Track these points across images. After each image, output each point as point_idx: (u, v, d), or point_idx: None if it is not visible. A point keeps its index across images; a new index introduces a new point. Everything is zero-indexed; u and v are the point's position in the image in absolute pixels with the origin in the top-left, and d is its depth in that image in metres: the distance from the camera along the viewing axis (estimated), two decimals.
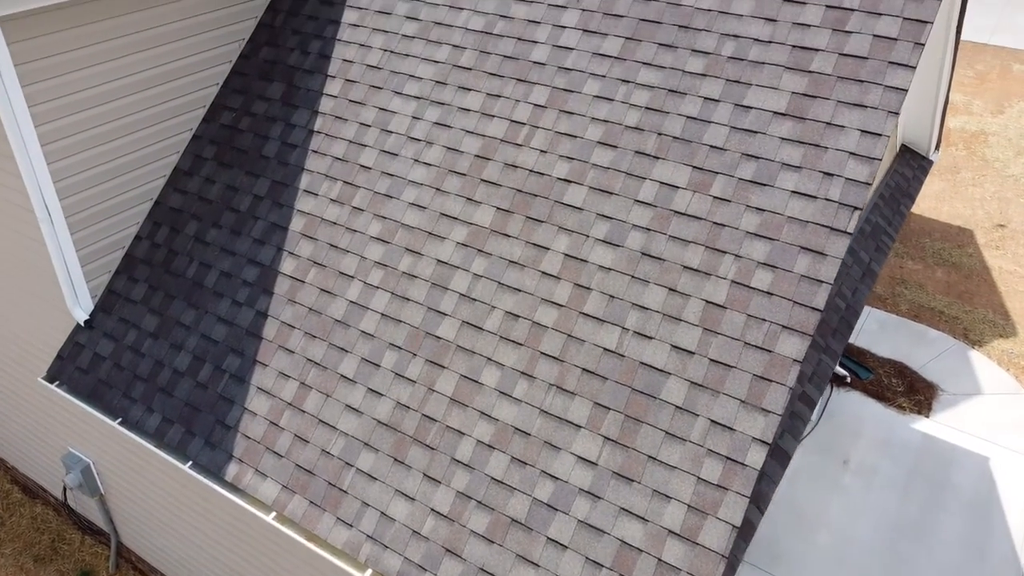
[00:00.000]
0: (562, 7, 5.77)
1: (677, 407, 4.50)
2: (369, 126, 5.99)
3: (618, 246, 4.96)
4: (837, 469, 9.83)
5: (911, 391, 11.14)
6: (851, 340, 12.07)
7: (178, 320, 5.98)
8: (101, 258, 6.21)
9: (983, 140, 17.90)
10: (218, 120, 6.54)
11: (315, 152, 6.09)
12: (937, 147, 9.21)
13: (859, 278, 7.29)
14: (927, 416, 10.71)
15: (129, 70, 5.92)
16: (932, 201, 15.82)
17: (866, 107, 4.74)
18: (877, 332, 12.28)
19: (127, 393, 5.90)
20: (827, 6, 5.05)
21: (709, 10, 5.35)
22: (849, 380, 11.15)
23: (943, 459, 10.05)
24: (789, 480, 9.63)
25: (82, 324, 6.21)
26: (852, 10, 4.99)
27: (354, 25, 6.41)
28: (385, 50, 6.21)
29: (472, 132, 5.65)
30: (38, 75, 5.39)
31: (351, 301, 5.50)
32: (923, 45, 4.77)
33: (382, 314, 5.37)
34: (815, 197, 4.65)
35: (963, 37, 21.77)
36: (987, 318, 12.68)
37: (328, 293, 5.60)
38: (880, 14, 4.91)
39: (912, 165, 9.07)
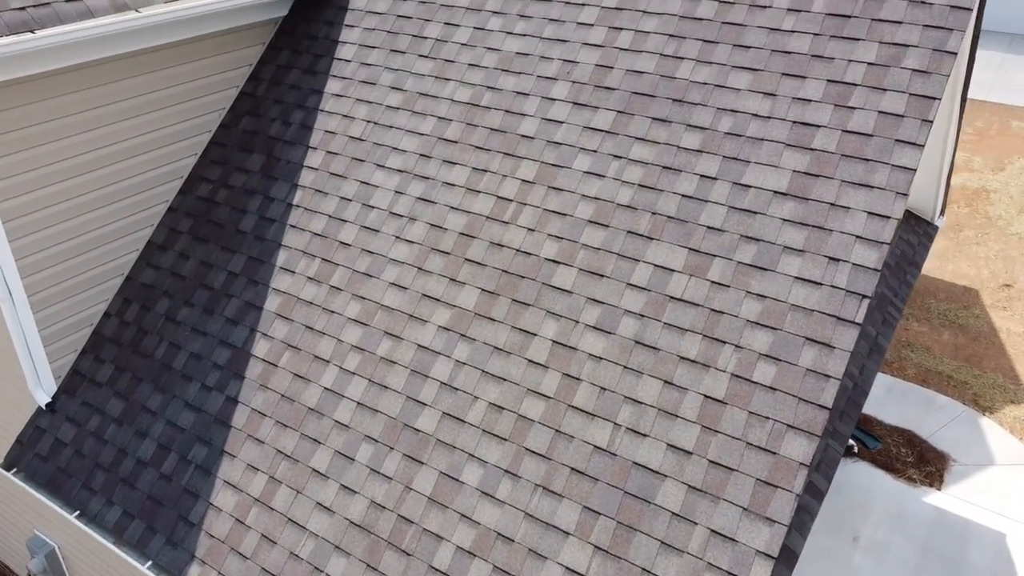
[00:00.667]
0: (552, 79, 5.55)
1: (674, 514, 4.12)
2: (350, 200, 5.72)
3: (610, 333, 4.64)
4: (847, 547, 9.35)
5: (921, 462, 10.70)
6: None
7: (144, 405, 5.62)
8: (66, 337, 5.89)
9: (985, 198, 17.71)
10: (195, 192, 6.28)
11: (293, 227, 5.81)
12: (942, 212, 8.96)
13: (866, 354, 6.95)
14: (939, 488, 10.25)
15: (101, 143, 5.68)
16: (936, 260, 15.54)
17: (873, 187, 4.46)
18: (884, 398, 11.88)
19: (87, 483, 5.52)
20: (829, 80, 4.81)
21: (704, 83, 5.11)
22: (856, 450, 10.72)
23: (957, 535, 9.58)
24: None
25: (43, 407, 5.86)
26: (855, 85, 4.74)
27: (337, 95, 6.19)
28: (369, 121, 5.97)
29: (457, 208, 5.37)
30: (7, 148, 5.14)
31: (326, 388, 5.16)
32: (931, 122, 4.51)
33: (358, 403, 5.02)
34: (820, 284, 4.34)
35: None
36: (997, 383, 12.28)
37: (302, 379, 5.25)
38: (885, 89, 4.66)
39: (917, 231, 8.79)
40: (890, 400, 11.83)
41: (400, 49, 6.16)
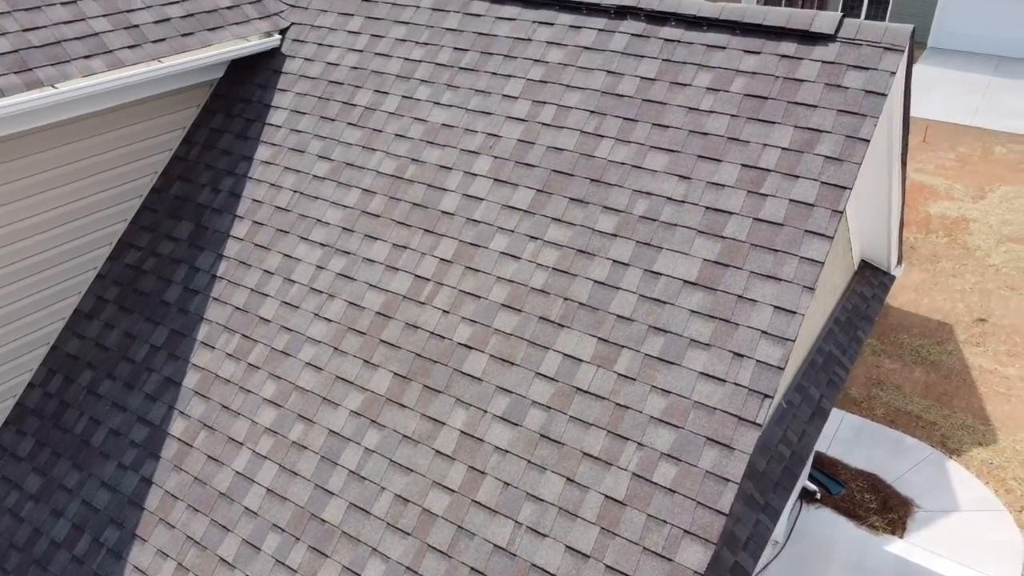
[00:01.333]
0: (475, 153, 5.49)
1: None
2: (273, 274, 5.65)
3: (517, 425, 4.56)
4: None
5: (884, 508, 10.59)
6: (823, 449, 11.56)
7: (62, 483, 5.55)
8: None
9: (964, 227, 17.64)
10: (123, 259, 6.22)
11: (216, 300, 5.74)
12: (899, 262, 8.87)
13: (807, 419, 6.86)
14: (901, 536, 10.14)
15: (22, 214, 5.63)
16: (911, 294, 15.47)
17: (780, 280, 4.38)
18: (851, 440, 11.78)
19: (1, 564, 5.44)
20: (743, 165, 4.75)
21: (622, 163, 5.05)
22: (819, 496, 10.61)
23: None
24: None
25: None
26: (768, 171, 4.67)
27: (267, 162, 6.13)
28: (295, 191, 5.91)
29: (375, 286, 5.31)
30: None
31: (238, 472, 5.08)
32: (841, 212, 4.44)
33: (268, 489, 4.95)
34: (724, 380, 4.26)
35: (945, 119, 21.74)
36: (966, 423, 12.18)
37: (215, 461, 5.18)
38: (797, 176, 4.60)
39: (872, 283, 8.71)
40: (858, 442, 11.73)
41: (330, 116, 6.10)
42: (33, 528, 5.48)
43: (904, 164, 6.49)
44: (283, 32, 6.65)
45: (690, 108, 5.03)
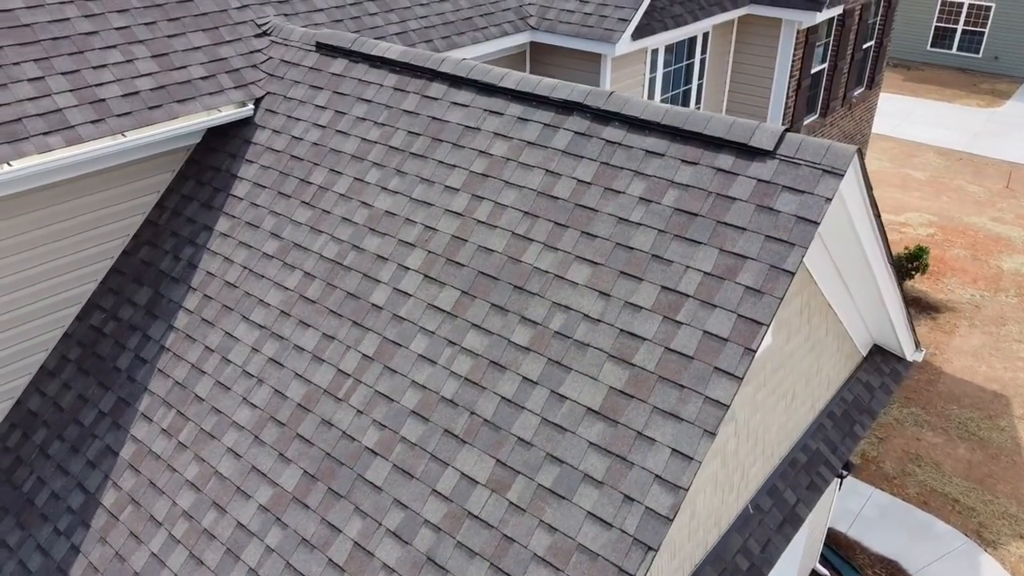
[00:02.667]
0: (411, 245, 5.39)
1: None
2: (212, 351, 5.70)
3: (406, 543, 4.44)
4: None
5: None
6: (843, 529, 10.94)
7: (4, 539, 5.75)
8: None
9: None
10: (89, 320, 6.41)
11: (161, 372, 5.83)
12: (918, 347, 8.28)
13: (776, 526, 6.46)
14: None
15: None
16: (968, 359, 14.50)
17: (682, 420, 4.12)
18: (875, 520, 11.10)
19: None
20: (663, 287, 4.49)
21: (546, 271, 4.85)
22: None
23: None
24: None
25: None
26: (687, 296, 4.40)
27: (224, 235, 6.20)
28: (245, 267, 5.95)
29: (300, 376, 5.28)
30: None
31: (153, 553, 5.14)
32: (754, 351, 4.13)
33: (176, 575, 4.98)
34: (611, 525, 4.03)
35: (1018, 160, 20.31)
36: (1008, 512, 11.31)
37: (135, 538, 5.25)
38: (715, 306, 4.31)
39: (882, 371, 8.16)
40: (882, 524, 11.04)
41: (287, 192, 6.12)
42: None
43: (891, 261, 6.02)
44: (258, 101, 6.72)
45: (620, 219, 4.80)
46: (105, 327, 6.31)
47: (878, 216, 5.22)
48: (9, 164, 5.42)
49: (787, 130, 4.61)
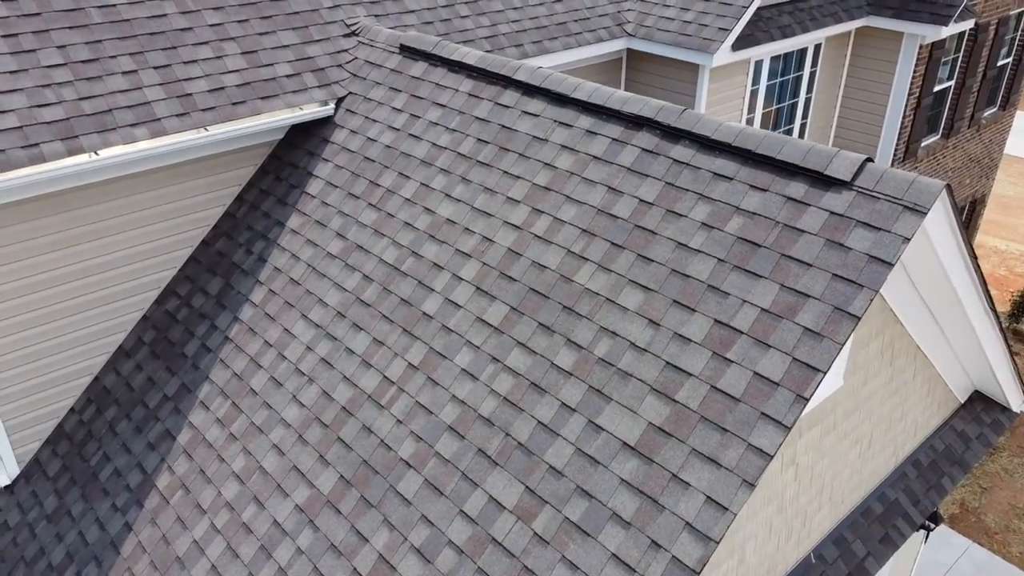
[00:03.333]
0: (467, 255, 5.30)
1: None
2: (271, 346, 5.80)
3: (429, 562, 4.35)
4: None
5: None
6: None
7: (69, 509, 6.04)
8: (31, 427, 6.45)
9: None
10: (165, 305, 6.65)
11: (222, 362, 5.98)
12: None
13: None
14: None
15: (76, 258, 6.16)
16: None
17: (720, 466, 3.84)
18: None
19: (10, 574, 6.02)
20: (716, 320, 4.21)
21: (597, 294, 4.65)
22: None
23: None
24: None
25: (2, 488, 6.46)
26: (740, 332, 4.11)
27: (294, 232, 6.30)
28: (309, 265, 6.02)
29: (348, 379, 5.28)
30: None
31: (195, 540, 5.26)
32: (806, 400, 3.81)
33: (212, 565, 5.08)
34: (633, 570, 3.80)
35: None
36: None
37: (181, 523, 5.40)
38: (769, 346, 4.00)
39: (983, 420, 7.47)
40: None
41: (356, 193, 6.15)
42: (39, 547, 6.01)
43: (991, 307, 5.48)
44: (340, 101, 6.80)
45: (679, 243, 4.54)
46: (178, 313, 6.53)
47: (974, 257, 4.73)
48: (96, 153, 5.67)
49: (868, 159, 4.23)
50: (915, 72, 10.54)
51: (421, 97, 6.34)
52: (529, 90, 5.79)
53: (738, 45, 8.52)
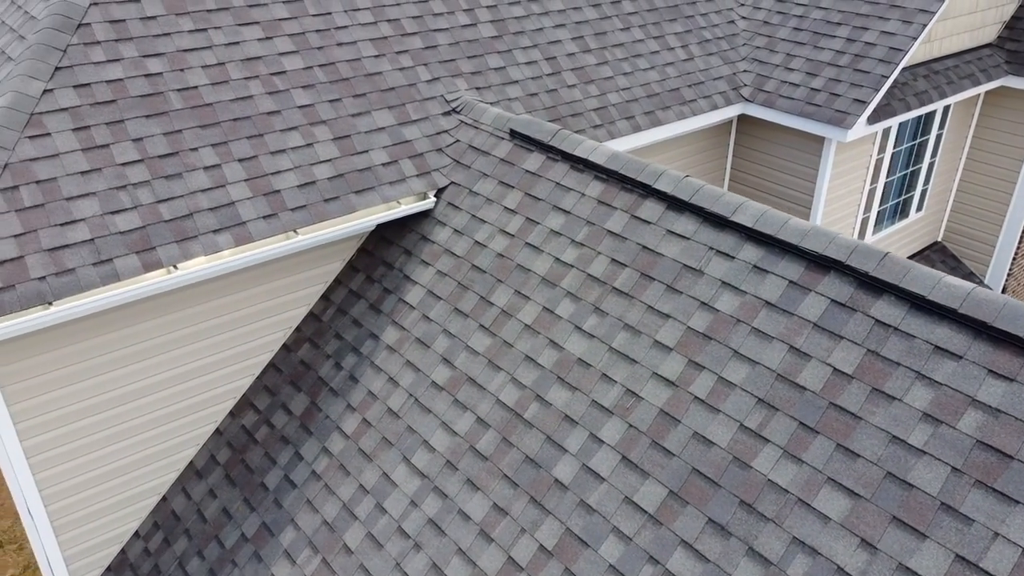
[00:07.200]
0: (607, 411, 4.47)
1: None
2: (368, 492, 5.02)
3: None
4: None
5: None
6: None
7: None
8: (92, 555, 5.76)
9: None
10: (241, 419, 5.92)
11: (309, 504, 5.22)
12: None
13: None
14: None
15: (146, 373, 5.47)
16: None
17: None
18: None
19: None
20: (957, 555, 3.33)
21: (785, 490, 3.79)
22: None
23: None
24: None
25: None
26: None
27: (391, 348, 5.52)
28: (410, 395, 5.24)
29: (463, 553, 4.48)
30: (31, 392, 5.04)
31: None
32: None
33: None
34: None
35: None
36: None
37: None
38: None
39: None
40: None
41: (464, 310, 5.35)
42: None
43: None
44: (440, 192, 6.01)
45: (894, 437, 3.66)
46: (256, 432, 5.79)
47: None
48: (175, 267, 4.95)
49: None
50: None
51: (538, 198, 5.52)
52: (675, 204, 4.94)
53: (874, 118, 7.57)
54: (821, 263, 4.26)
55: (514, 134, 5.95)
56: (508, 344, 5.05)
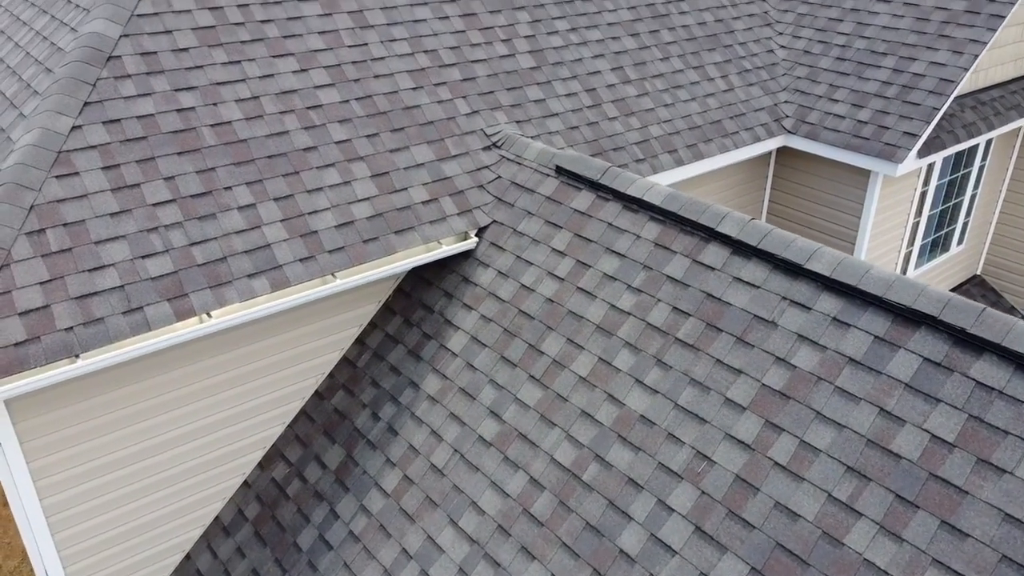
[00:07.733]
0: (675, 475, 4.14)
1: None
2: (411, 558, 4.68)
3: None
4: None
5: None
6: None
7: None
8: None
9: None
10: (271, 471, 5.59)
11: (347, 568, 4.88)
12: None
13: None
14: None
15: (172, 426, 5.16)
16: None
17: None
18: None
19: None
20: None
21: (886, 572, 3.45)
22: None
23: None
24: None
25: None
26: None
27: (433, 399, 5.20)
28: (455, 450, 4.91)
29: None
30: (52, 448, 4.73)
31: None
32: None
33: None
34: None
35: None
36: None
37: None
38: None
39: None
40: None
41: (511, 359, 5.04)
42: None
43: None
44: (482, 231, 5.72)
45: (1006, 516, 3.33)
46: (288, 486, 5.46)
47: None
48: (209, 315, 4.65)
49: None
50: None
51: (589, 239, 5.22)
52: (741, 248, 4.64)
53: (924, 151, 7.29)
54: (910, 317, 3.95)
55: (560, 170, 5.67)
56: (562, 398, 4.73)
